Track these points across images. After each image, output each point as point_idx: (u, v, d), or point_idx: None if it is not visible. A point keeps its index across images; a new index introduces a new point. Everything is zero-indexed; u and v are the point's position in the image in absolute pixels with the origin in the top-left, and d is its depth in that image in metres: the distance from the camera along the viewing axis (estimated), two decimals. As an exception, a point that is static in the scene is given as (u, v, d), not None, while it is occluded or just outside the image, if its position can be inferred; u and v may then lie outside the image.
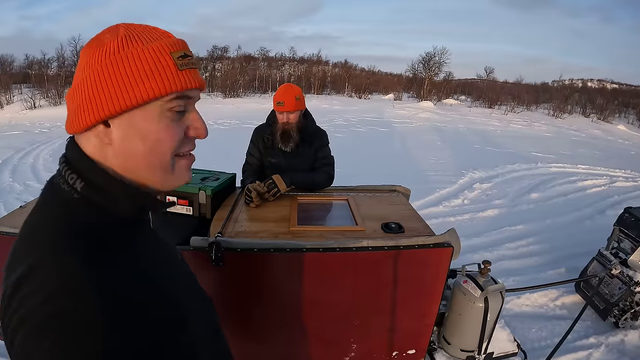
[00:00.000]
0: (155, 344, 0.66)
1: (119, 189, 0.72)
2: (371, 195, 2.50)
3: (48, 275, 0.60)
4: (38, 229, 0.69)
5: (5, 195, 6.46)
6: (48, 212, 0.71)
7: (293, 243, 1.73)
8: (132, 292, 0.65)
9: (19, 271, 0.62)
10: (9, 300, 0.61)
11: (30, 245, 0.66)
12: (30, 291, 0.59)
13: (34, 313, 0.57)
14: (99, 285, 0.61)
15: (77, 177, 0.71)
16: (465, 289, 2.14)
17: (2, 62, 28.54)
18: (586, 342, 3.28)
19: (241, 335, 1.03)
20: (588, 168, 9.89)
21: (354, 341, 2.03)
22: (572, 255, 4.62)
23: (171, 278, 0.80)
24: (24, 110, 19.60)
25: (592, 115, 28.30)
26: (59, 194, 0.72)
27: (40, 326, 0.57)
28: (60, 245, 0.64)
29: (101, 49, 0.69)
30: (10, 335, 0.60)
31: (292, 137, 2.56)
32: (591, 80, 48.55)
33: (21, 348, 0.58)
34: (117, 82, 0.68)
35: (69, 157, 0.74)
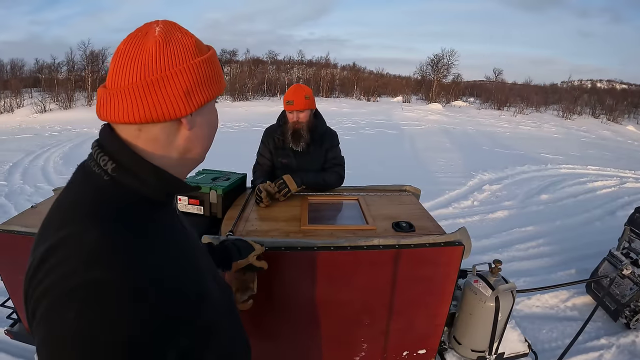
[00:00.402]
0: (177, 317, 0.68)
1: (149, 171, 0.75)
2: (381, 195, 2.50)
3: (74, 248, 0.63)
4: (69, 207, 0.72)
5: (16, 197, 6.52)
6: (78, 192, 0.74)
7: (304, 242, 1.74)
8: (157, 268, 0.68)
9: (46, 244, 0.65)
10: (34, 271, 0.63)
11: (59, 220, 0.70)
12: (56, 262, 0.61)
13: (58, 284, 0.59)
14: (124, 259, 0.63)
15: (109, 159, 0.74)
16: (476, 288, 2.13)
17: (13, 66, 28.81)
18: (597, 343, 3.25)
19: (251, 334, 1.03)
20: (598, 169, 9.83)
21: (364, 340, 2.03)
22: (583, 257, 4.60)
23: (194, 260, 0.84)
24: (34, 113, 19.75)
25: (601, 116, 28.08)
26: (89, 176, 0.75)
27: (64, 297, 0.58)
28: (87, 224, 0.66)
29: (185, 49, 0.76)
30: (32, 307, 0.62)
31: (303, 137, 2.57)
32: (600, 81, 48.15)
33: (44, 319, 0.59)
34: (211, 77, 0.79)
35: (102, 140, 0.78)
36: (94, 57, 27.00)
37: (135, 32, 0.76)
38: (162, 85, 0.72)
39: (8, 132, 15.12)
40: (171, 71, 0.73)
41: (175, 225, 0.85)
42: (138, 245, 0.68)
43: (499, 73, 42.37)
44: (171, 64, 0.73)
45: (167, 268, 0.71)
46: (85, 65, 26.26)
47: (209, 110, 0.85)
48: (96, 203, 0.71)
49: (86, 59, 26.37)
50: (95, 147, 0.77)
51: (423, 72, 40.26)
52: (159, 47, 0.73)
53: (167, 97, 0.73)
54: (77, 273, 0.59)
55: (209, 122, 0.85)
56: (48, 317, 0.59)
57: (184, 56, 0.75)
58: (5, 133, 14.78)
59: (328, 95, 34.57)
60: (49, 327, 0.58)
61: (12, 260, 2.21)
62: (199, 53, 0.78)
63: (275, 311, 1.91)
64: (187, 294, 0.73)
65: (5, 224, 2.20)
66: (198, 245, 0.96)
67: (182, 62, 0.74)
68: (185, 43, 0.76)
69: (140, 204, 0.75)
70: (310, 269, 1.80)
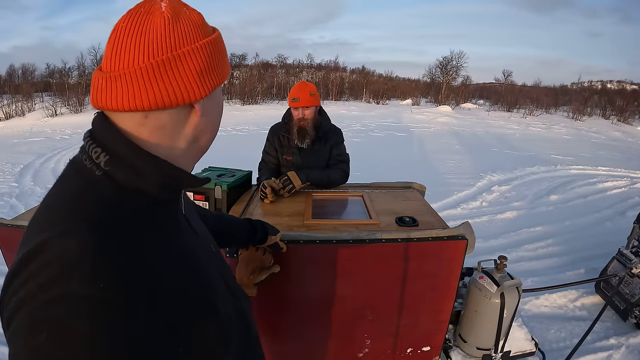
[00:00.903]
0: (173, 340, 0.61)
1: (147, 161, 0.66)
2: (386, 192, 2.50)
3: (54, 255, 0.54)
4: (52, 206, 0.65)
5: (26, 198, 6.60)
6: (65, 189, 0.66)
7: (306, 235, 1.74)
8: (148, 281, 0.60)
9: (27, 247, 0.57)
10: (12, 277, 0.56)
11: (42, 223, 0.61)
12: (34, 270, 0.54)
13: (33, 296, 0.52)
14: (108, 270, 0.55)
15: (102, 150, 0.65)
16: (481, 284, 2.12)
17: (24, 71, 29.17)
18: (606, 343, 3.22)
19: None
20: (608, 170, 9.74)
21: (367, 337, 2.02)
22: (592, 257, 4.55)
23: (200, 268, 0.75)
24: (45, 117, 19.99)
25: (612, 117, 27.87)
26: (79, 172, 0.67)
27: (37, 312, 0.51)
28: (73, 225, 0.58)
29: (195, 27, 0.68)
30: (7, 316, 0.55)
31: (308, 133, 2.59)
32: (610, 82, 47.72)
33: (16, 335, 0.52)
34: (220, 59, 0.72)
35: (94, 130, 0.69)
36: (105, 61, 27.28)
37: (136, 7, 0.67)
38: (174, 66, 0.65)
39: (19, 135, 15.33)
40: (183, 50, 0.65)
41: (180, 228, 0.77)
42: (130, 254, 0.59)
43: (508, 75, 42.22)
44: (183, 42, 0.65)
45: (164, 280, 0.63)
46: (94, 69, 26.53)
47: (218, 95, 0.77)
48: (84, 202, 0.62)
49: (97, 63, 26.61)
50: (87, 138, 0.68)
51: (432, 75, 40.26)
52: (168, 24, 0.65)
53: (180, 79, 0.65)
54: (53, 285, 0.51)
55: (218, 107, 0.78)
56: (20, 333, 0.51)
57: (194, 34, 0.67)
58: (16, 136, 14.99)
59: (337, 99, 34.64)
60: (20, 345, 0.51)
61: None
62: (207, 33, 0.70)
63: (277, 305, 1.91)
64: (192, 308, 0.67)
65: (15, 219, 2.23)
66: (209, 249, 0.88)
67: (193, 40, 0.67)
68: (194, 20, 0.68)
69: (137, 203, 0.67)
70: (312, 262, 1.80)
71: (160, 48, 0.64)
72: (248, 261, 1.47)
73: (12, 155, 10.60)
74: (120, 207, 0.64)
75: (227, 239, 1.34)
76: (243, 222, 1.41)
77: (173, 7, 0.66)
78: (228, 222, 1.36)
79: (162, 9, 0.65)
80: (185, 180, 0.73)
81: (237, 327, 0.84)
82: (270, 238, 1.48)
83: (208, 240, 0.92)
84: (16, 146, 12.46)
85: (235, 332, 0.82)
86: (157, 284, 0.61)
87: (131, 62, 0.63)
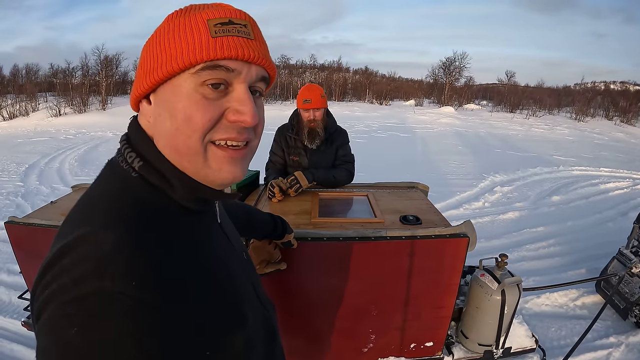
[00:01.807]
0: (201, 344, 0.60)
1: (171, 172, 0.66)
2: (390, 192, 2.55)
3: (90, 251, 0.54)
4: (91, 203, 0.64)
5: (32, 197, 6.64)
6: (103, 187, 0.66)
7: (314, 232, 1.80)
8: (180, 283, 0.59)
9: (63, 241, 0.56)
10: (44, 270, 0.55)
11: (79, 218, 0.61)
12: (68, 265, 0.53)
13: (66, 290, 0.51)
14: (141, 272, 0.54)
15: (136, 156, 0.67)
16: (483, 281, 2.17)
17: (28, 71, 29.25)
18: (606, 341, 3.25)
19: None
20: (611, 171, 9.72)
21: (372, 332, 2.08)
22: (593, 257, 4.57)
23: (231, 275, 0.75)
24: (49, 117, 19.98)
25: (615, 118, 27.77)
26: (117, 172, 0.67)
27: (69, 306, 0.50)
28: (108, 222, 0.58)
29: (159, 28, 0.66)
30: (37, 308, 0.54)
31: (319, 134, 2.64)
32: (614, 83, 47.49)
33: (46, 327, 0.51)
34: (153, 56, 0.64)
35: (129, 135, 0.71)
36: (108, 62, 27.29)
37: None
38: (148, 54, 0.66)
39: (24, 135, 15.34)
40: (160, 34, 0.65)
41: (214, 236, 0.76)
42: (164, 255, 0.59)
43: (511, 75, 42.03)
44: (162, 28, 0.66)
45: (195, 284, 0.62)
46: (100, 70, 26.51)
47: (170, 95, 0.64)
48: (121, 201, 0.63)
49: (100, 63, 26.65)
50: (123, 142, 0.70)
51: (435, 76, 40.12)
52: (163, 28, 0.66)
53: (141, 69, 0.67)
54: (88, 280, 0.51)
55: (170, 111, 0.64)
56: (50, 326, 0.51)
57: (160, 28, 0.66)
58: (20, 136, 15.01)
59: (340, 99, 34.57)
60: (49, 339, 0.50)
61: (32, 253, 2.29)
62: (161, 28, 0.66)
63: (284, 301, 1.96)
64: (221, 313, 0.66)
65: (26, 217, 2.29)
66: (241, 257, 0.86)
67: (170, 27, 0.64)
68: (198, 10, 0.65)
69: (171, 206, 0.67)
70: (320, 259, 1.85)
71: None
72: (258, 252, 1.54)
73: (16, 155, 10.62)
74: (155, 209, 0.64)
75: (250, 230, 1.41)
76: (267, 217, 1.46)
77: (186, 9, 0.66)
78: (256, 216, 1.42)
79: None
80: (209, 194, 0.70)
81: (263, 335, 0.83)
82: (285, 236, 1.54)
83: (241, 248, 0.90)
84: (20, 146, 12.48)
85: (261, 340, 0.81)
86: (189, 286, 0.60)
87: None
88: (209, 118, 0.63)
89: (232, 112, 0.65)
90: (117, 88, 27.86)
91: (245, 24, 0.65)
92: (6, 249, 4.60)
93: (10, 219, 2.29)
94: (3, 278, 3.99)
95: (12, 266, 4.15)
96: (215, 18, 0.63)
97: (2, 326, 3.25)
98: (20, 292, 2.71)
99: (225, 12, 0.64)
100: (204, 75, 0.62)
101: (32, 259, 2.32)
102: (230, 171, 0.68)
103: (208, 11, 0.63)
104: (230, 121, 0.65)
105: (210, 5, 0.66)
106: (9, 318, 3.32)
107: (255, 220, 1.41)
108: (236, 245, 0.86)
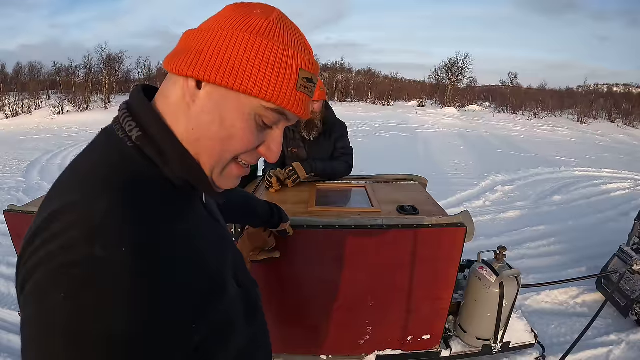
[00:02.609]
0: (190, 310, 0.61)
1: (174, 151, 0.66)
2: (388, 184, 2.54)
3: (80, 216, 0.54)
4: (81, 169, 0.64)
5: (34, 193, 6.65)
6: (95, 155, 0.66)
7: (310, 220, 1.79)
8: (169, 254, 0.59)
9: (52, 207, 0.56)
10: (32, 236, 0.55)
11: (69, 185, 0.61)
12: (57, 230, 0.53)
13: (54, 256, 0.51)
14: (135, 237, 0.55)
15: (136, 125, 0.66)
16: (481, 274, 2.16)
17: (31, 69, 29.27)
18: (607, 339, 3.23)
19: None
20: (612, 172, 9.70)
21: (369, 323, 2.06)
22: (594, 255, 4.55)
23: (214, 251, 0.75)
24: (51, 115, 20.02)
25: (617, 120, 27.71)
26: (110, 140, 0.67)
27: (57, 272, 0.50)
28: (100, 190, 0.58)
29: (247, 19, 0.65)
30: (22, 278, 0.54)
31: (316, 126, 2.64)
32: (617, 85, 47.33)
33: (32, 295, 0.51)
34: (239, 60, 0.63)
35: (131, 103, 0.70)
36: (111, 60, 27.32)
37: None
38: (195, 36, 0.65)
39: (26, 132, 15.37)
40: (215, 28, 0.64)
41: (199, 213, 0.77)
42: (153, 225, 0.59)
43: (514, 77, 41.98)
44: (219, 24, 0.65)
45: (184, 254, 0.63)
46: (102, 68, 26.55)
47: (232, 107, 0.65)
48: (115, 170, 0.62)
49: (103, 62, 26.69)
50: (123, 110, 0.69)
51: (438, 77, 40.10)
52: (230, 10, 0.67)
53: (186, 47, 0.65)
54: (77, 246, 0.50)
55: (222, 120, 0.65)
56: (36, 294, 0.50)
57: (233, 22, 0.64)
58: (23, 133, 15.04)
59: (343, 100, 34.55)
60: (36, 306, 0.50)
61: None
62: (249, 30, 0.64)
63: (278, 289, 1.95)
64: (203, 285, 0.66)
65: (26, 206, 2.29)
66: (225, 237, 0.87)
67: (225, 26, 0.64)
68: (248, 14, 0.66)
69: (161, 180, 0.66)
70: (315, 247, 1.84)
71: (209, 21, 0.67)
72: (253, 239, 1.53)
73: (19, 152, 10.63)
74: (146, 180, 0.64)
75: (246, 217, 1.43)
76: (264, 205, 1.47)
77: (256, 5, 0.68)
78: (252, 203, 1.43)
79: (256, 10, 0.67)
80: (200, 183, 0.70)
81: (243, 309, 0.83)
82: (281, 225, 1.54)
83: (224, 228, 0.91)
84: (23, 143, 12.50)
85: (241, 314, 0.82)
86: (174, 257, 0.60)
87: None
88: (249, 146, 0.69)
89: (265, 148, 0.71)
90: (119, 87, 27.83)
91: (315, 85, 0.71)
92: (6, 242, 4.61)
93: (9, 207, 2.28)
94: (3, 270, 3.99)
95: (11, 259, 4.16)
96: (305, 70, 0.67)
97: (0, 317, 3.25)
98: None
99: (312, 66, 0.69)
100: (268, 113, 0.66)
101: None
102: (234, 184, 0.75)
103: (303, 55, 0.67)
104: (259, 152, 0.72)
105: (304, 46, 0.70)
106: (7, 309, 3.33)
107: (252, 207, 1.42)
108: (220, 223, 0.88)
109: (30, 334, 0.50)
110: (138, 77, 31.33)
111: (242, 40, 0.63)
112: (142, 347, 0.51)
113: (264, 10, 0.67)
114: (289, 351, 2.12)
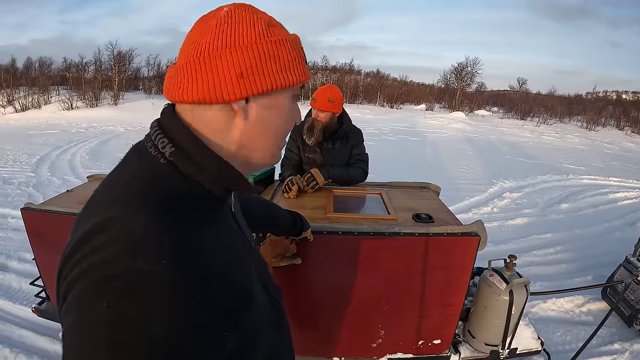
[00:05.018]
0: (224, 318, 0.65)
1: (211, 160, 0.69)
2: (403, 191, 2.60)
3: (120, 231, 0.57)
4: (117, 186, 0.67)
5: (43, 188, 6.74)
6: (135, 172, 0.68)
7: (329, 226, 1.85)
8: (204, 265, 0.63)
9: (91, 222, 0.59)
10: (72, 250, 0.57)
11: (108, 198, 0.64)
12: (98, 245, 0.55)
13: (96, 269, 0.53)
14: (172, 251, 0.58)
15: (169, 142, 0.68)
16: (491, 282, 2.20)
17: (41, 64, 29.44)
18: (611, 347, 3.27)
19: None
20: (620, 180, 9.70)
21: (382, 327, 2.11)
22: (600, 264, 4.58)
23: (242, 261, 0.79)
24: (61, 110, 20.14)
25: (626, 128, 27.59)
26: (145, 157, 0.69)
27: (100, 284, 0.52)
28: (138, 205, 0.61)
29: (248, 29, 0.68)
30: (64, 289, 0.56)
31: (315, 134, 2.68)
32: (626, 93, 47.05)
33: (75, 305, 0.53)
34: (276, 63, 0.70)
35: (162, 122, 0.72)
36: (121, 57, 27.45)
37: (208, 12, 0.72)
38: (216, 64, 0.66)
39: (35, 127, 15.50)
40: (228, 49, 0.66)
41: (230, 224, 0.81)
42: (188, 238, 0.62)
43: (523, 83, 41.95)
44: (229, 42, 0.67)
45: (216, 265, 0.66)
46: (113, 65, 26.69)
47: (273, 104, 0.74)
48: (151, 186, 0.65)
49: (113, 59, 26.82)
50: (154, 128, 0.72)
51: (447, 81, 40.03)
52: (219, 25, 0.68)
53: (219, 76, 0.66)
54: (118, 260, 0.53)
55: (270, 117, 0.74)
56: (79, 304, 0.53)
57: (245, 35, 0.67)
58: (32, 128, 15.18)
59: (351, 102, 34.51)
60: (79, 315, 0.52)
61: (46, 240, 2.35)
62: (267, 35, 0.69)
63: (297, 292, 2.01)
64: (234, 295, 0.69)
65: (42, 204, 2.35)
66: (250, 246, 0.90)
67: (241, 41, 0.67)
68: (251, 21, 0.69)
69: (195, 193, 0.69)
70: (334, 252, 1.90)
71: (208, 45, 0.67)
72: (275, 245, 1.59)
73: (28, 147, 10.75)
74: (180, 194, 0.67)
75: (268, 226, 1.47)
76: (287, 215, 1.51)
77: (233, 10, 0.70)
78: (275, 212, 1.46)
79: (222, 11, 0.69)
80: (238, 183, 0.74)
81: (270, 318, 0.87)
82: (303, 233, 1.58)
83: (249, 237, 0.94)
84: (32, 137, 12.62)
85: (268, 322, 0.85)
86: (208, 268, 0.63)
87: (187, 57, 0.68)
88: (297, 119, 0.84)
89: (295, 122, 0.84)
90: (129, 84, 28.01)
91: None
92: (17, 237, 4.69)
93: (26, 205, 2.34)
94: (14, 265, 4.07)
95: (23, 254, 4.23)
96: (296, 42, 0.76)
97: (12, 312, 3.33)
98: (31, 279, 2.76)
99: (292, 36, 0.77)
100: (298, 90, 0.78)
101: (45, 245, 2.38)
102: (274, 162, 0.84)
103: (294, 35, 0.77)
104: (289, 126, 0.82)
105: (272, 22, 0.74)
106: (19, 305, 3.40)
107: (275, 216, 1.45)
108: (246, 234, 0.91)
109: (72, 342, 0.51)
110: (147, 74, 31.40)
111: (267, 47, 0.69)
112: (180, 355, 0.54)
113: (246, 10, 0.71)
114: (303, 353, 2.17)
